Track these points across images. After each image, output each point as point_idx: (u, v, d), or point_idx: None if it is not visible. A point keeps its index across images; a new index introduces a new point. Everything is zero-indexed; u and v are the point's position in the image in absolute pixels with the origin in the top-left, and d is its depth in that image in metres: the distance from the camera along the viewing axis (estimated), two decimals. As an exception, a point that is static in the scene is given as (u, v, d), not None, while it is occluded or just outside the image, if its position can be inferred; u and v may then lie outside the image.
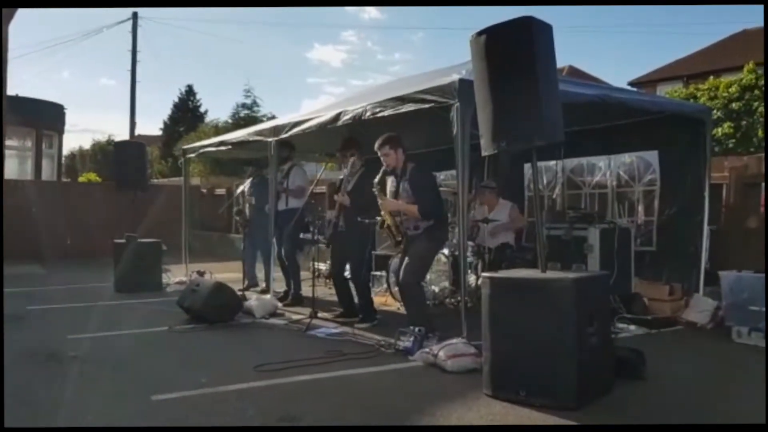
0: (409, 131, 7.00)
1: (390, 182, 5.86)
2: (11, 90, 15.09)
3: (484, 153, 4.31)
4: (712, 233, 7.09)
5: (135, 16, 24.58)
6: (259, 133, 8.13)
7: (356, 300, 6.63)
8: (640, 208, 7.84)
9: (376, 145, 5.72)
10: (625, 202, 8.02)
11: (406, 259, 5.69)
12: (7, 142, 14.86)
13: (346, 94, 9.99)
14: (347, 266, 6.68)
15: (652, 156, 7.69)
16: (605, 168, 8.28)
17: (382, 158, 5.76)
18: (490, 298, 4.14)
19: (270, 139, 7.64)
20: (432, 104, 5.33)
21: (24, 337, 5.92)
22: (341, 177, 6.79)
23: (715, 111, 11.90)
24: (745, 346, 5.51)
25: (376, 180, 5.84)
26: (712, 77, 14.09)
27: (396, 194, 5.74)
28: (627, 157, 7.99)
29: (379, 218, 5.89)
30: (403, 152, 5.73)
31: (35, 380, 4.54)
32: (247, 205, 8.83)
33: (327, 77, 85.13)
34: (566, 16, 64.78)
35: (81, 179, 25.11)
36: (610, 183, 8.20)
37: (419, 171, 5.73)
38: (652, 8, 60.62)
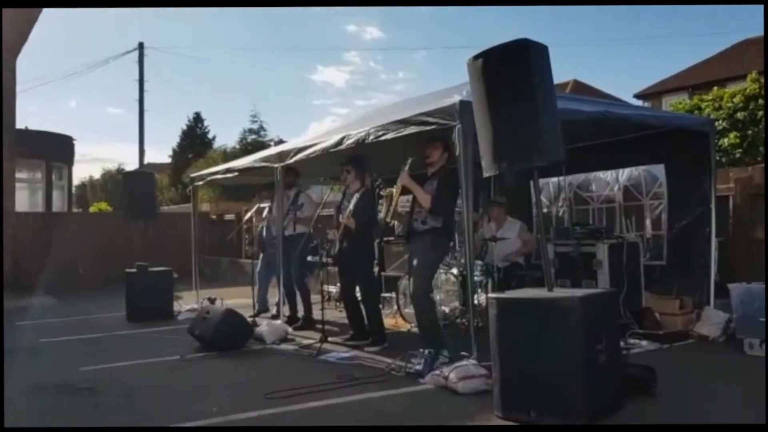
0: (414, 152, 7.05)
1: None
2: (20, 123, 15.28)
3: (485, 174, 4.34)
4: (720, 245, 7.06)
5: (141, 46, 24.90)
6: (265, 159, 8.20)
7: (366, 322, 6.63)
8: (648, 222, 7.82)
9: (431, 138, 5.76)
10: (633, 217, 8.00)
11: (414, 272, 5.80)
12: (18, 175, 15.02)
13: (351, 116, 10.08)
14: (357, 287, 6.71)
15: (659, 169, 7.69)
16: (612, 182, 8.27)
17: (428, 149, 5.83)
18: (497, 319, 4.15)
19: (276, 165, 7.70)
20: (434, 126, 5.37)
21: (37, 369, 5.97)
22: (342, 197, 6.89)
23: (720, 121, 11.87)
24: (757, 359, 5.45)
25: (410, 159, 5.87)
26: (716, 87, 14.07)
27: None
28: (634, 171, 7.99)
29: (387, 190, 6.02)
30: (447, 157, 5.76)
31: (48, 413, 4.57)
32: (264, 229, 8.85)
33: (332, 98, 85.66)
34: (572, 30, 65.05)
35: (92, 209, 25.34)
36: (618, 197, 8.19)
37: (452, 177, 5.68)
38: (656, 20, 60.74)
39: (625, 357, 4.97)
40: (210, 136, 36.91)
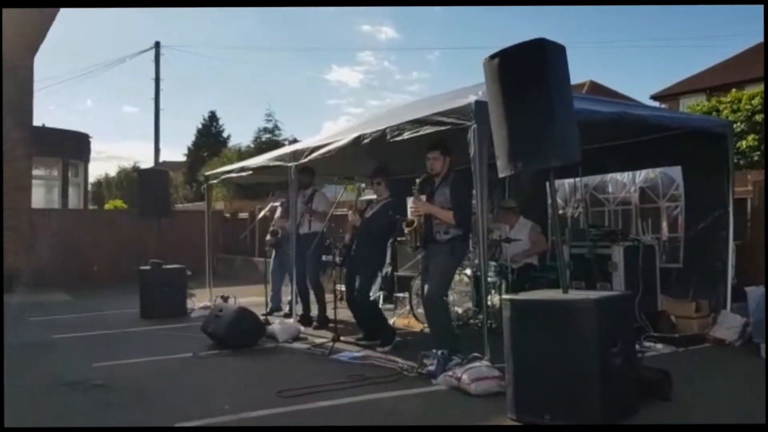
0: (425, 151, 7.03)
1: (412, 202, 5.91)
2: (37, 120, 15.43)
3: (501, 174, 4.31)
4: (738, 248, 6.98)
5: (157, 45, 25.02)
6: (279, 158, 8.20)
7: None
8: (664, 225, 7.75)
9: (430, 146, 5.73)
10: (649, 219, 7.93)
11: (430, 276, 5.72)
12: (34, 172, 15.18)
13: (365, 116, 10.06)
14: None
15: (676, 171, 7.61)
16: (629, 184, 8.20)
17: (429, 161, 5.77)
18: (511, 320, 4.12)
19: (290, 164, 7.70)
20: (449, 126, 5.34)
21: (50, 365, 6.00)
22: (368, 198, 6.89)
23: (738, 123, 11.74)
24: (773, 364, 5.38)
25: (418, 180, 5.85)
26: (734, 89, 13.91)
27: (430, 199, 5.76)
28: (651, 173, 7.91)
29: (408, 218, 5.93)
30: (450, 161, 5.76)
31: (61, 410, 4.59)
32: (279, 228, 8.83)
33: (346, 98, 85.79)
34: (587, 31, 64.72)
35: (107, 206, 25.51)
36: (634, 199, 8.12)
37: (462, 180, 5.73)
38: (674, 21, 60.23)
39: (640, 360, 4.92)
40: (225, 135, 37.04)
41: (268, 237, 8.86)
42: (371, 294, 6.54)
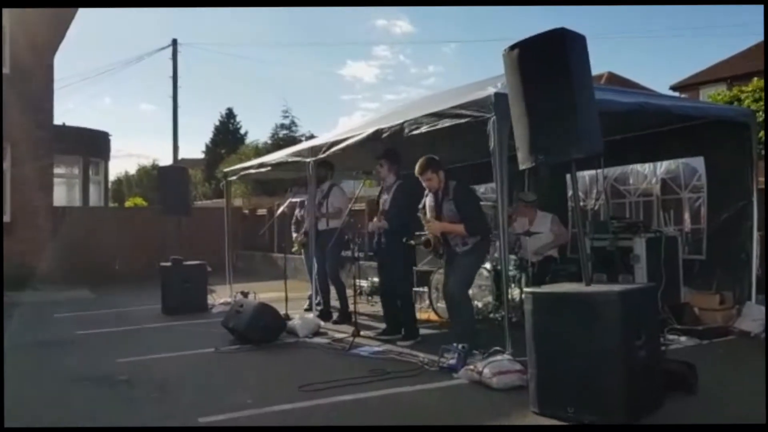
0: (447, 145, 6.99)
1: (429, 199, 5.87)
2: (57, 119, 15.58)
3: (521, 166, 4.27)
4: (762, 239, 6.88)
5: (174, 43, 25.12)
6: (297, 153, 8.20)
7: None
8: (687, 216, 7.66)
9: (417, 171, 5.73)
10: (671, 210, 7.84)
11: (452, 271, 5.71)
12: (55, 170, 15.34)
13: (381, 111, 10.00)
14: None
15: (698, 162, 7.51)
16: (650, 175, 8.11)
17: (424, 183, 5.78)
18: (533, 313, 4.09)
19: (308, 159, 7.70)
20: (468, 119, 5.31)
21: (74, 361, 6.06)
22: (379, 191, 6.86)
23: (760, 113, 11.58)
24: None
25: (421, 205, 5.90)
26: (756, 78, 13.70)
27: (438, 212, 5.74)
28: (672, 164, 7.82)
29: (423, 238, 5.91)
30: (443, 173, 5.75)
31: (86, 404, 4.64)
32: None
33: (361, 93, 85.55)
34: (605, 22, 64.06)
35: (128, 203, 25.74)
36: (655, 190, 8.03)
37: (462, 188, 5.74)
38: (692, 11, 59.45)
39: (664, 353, 4.87)
40: (242, 131, 37.27)
41: (302, 236, 8.65)
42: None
